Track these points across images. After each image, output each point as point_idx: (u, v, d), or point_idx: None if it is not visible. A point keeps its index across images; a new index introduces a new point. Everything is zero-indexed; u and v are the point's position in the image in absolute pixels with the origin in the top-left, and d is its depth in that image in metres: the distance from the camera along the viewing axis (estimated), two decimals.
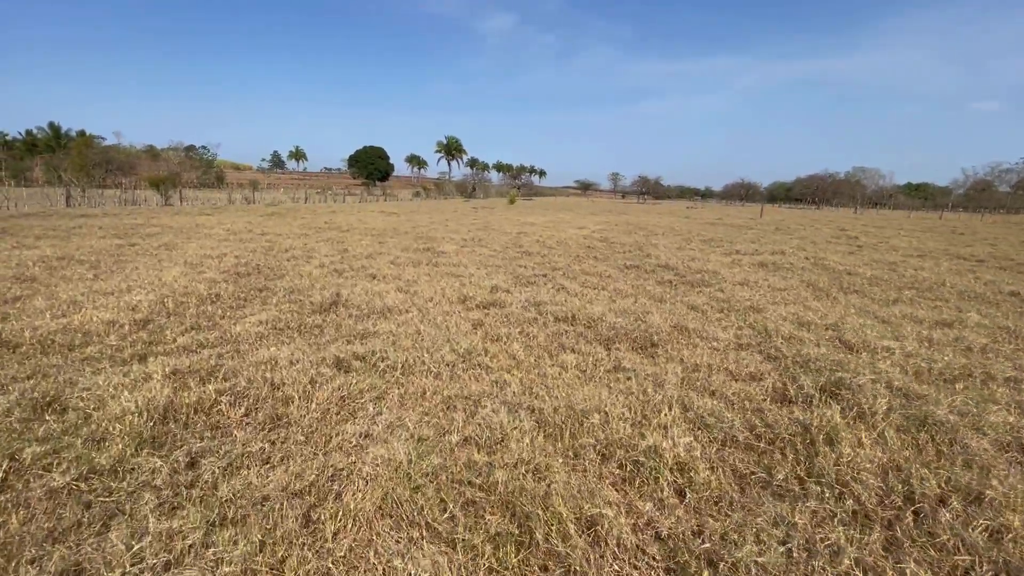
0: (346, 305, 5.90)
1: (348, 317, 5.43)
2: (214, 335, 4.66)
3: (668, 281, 8.28)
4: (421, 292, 6.88)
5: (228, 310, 5.72)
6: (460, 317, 5.53)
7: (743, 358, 4.28)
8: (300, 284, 7.13)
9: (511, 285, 7.53)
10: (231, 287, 6.86)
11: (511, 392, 3.48)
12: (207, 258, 9.50)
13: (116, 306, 5.46)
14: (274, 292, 6.68)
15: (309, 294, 6.53)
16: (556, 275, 8.67)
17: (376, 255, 10.61)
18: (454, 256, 10.87)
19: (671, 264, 10.13)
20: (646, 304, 6.33)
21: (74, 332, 4.56)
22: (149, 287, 6.57)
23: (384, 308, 5.75)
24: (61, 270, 7.76)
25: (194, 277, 7.40)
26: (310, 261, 9.53)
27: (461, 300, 6.44)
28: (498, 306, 6.10)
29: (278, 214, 23.24)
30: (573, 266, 9.76)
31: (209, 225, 16.27)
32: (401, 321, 5.29)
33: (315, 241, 12.91)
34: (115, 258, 9.16)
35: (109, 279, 7.18)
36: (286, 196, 42.90)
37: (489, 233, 16.68)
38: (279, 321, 5.14)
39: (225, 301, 6.12)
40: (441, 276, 8.27)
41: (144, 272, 7.78)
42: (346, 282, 7.44)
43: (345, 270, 8.65)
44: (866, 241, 17.50)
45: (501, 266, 9.61)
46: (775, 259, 11.41)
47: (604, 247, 13.51)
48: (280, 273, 8.16)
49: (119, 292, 6.27)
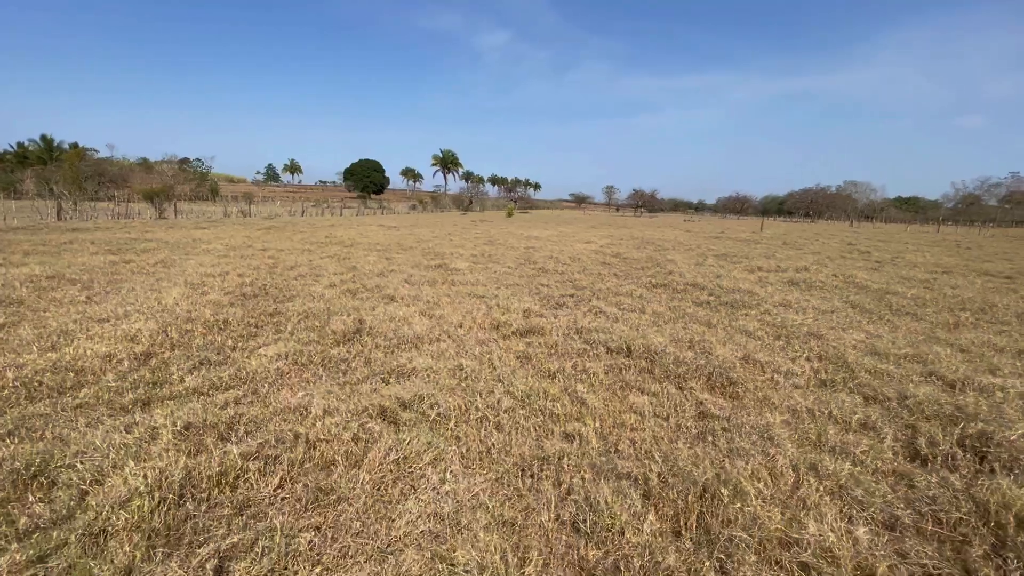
0: (371, 333, 5.31)
1: (375, 348, 4.84)
2: (227, 372, 4.06)
3: (705, 302, 7.76)
4: (447, 317, 6.31)
5: (239, 339, 5.12)
6: (500, 348, 4.95)
7: (842, 401, 3.74)
8: (314, 307, 6.54)
9: (542, 308, 6.98)
10: (239, 311, 6.25)
11: (592, 450, 2.91)
12: (209, 277, 8.89)
13: (113, 336, 4.84)
14: (287, 317, 6.08)
15: (326, 320, 5.94)
16: (583, 295, 8.14)
17: (387, 273, 10.04)
18: (468, 274, 10.32)
19: (699, 282, 9.63)
20: (697, 330, 5.79)
21: (65, 370, 3.94)
22: (148, 312, 5.96)
23: (413, 337, 5.17)
24: (51, 291, 7.12)
25: (197, 299, 6.79)
26: (319, 280, 8.93)
27: (494, 326, 5.87)
28: (537, 333, 5.54)
29: (276, 228, 22.61)
30: (597, 285, 9.24)
31: (206, 240, 15.63)
32: (436, 352, 4.72)
33: (320, 257, 12.32)
34: (109, 277, 8.52)
35: (104, 302, 6.55)
36: (283, 209, 42.28)
37: (497, 248, 16.15)
38: (299, 354, 4.54)
39: (234, 328, 5.51)
40: (462, 297, 7.71)
41: (142, 294, 7.16)
42: (363, 304, 6.85)
43: (359, 290, 8.07)
44: (880, 256, 17.13)
45: (522, 285, 9.06)
46: (802, 276, 10.95)
47: (620, 263, 13.02)
48: (289, 294, 7.56)
49: (115, 318, 5.65)
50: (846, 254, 17.56)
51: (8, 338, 4.76)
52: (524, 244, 17.81)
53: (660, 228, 35.21)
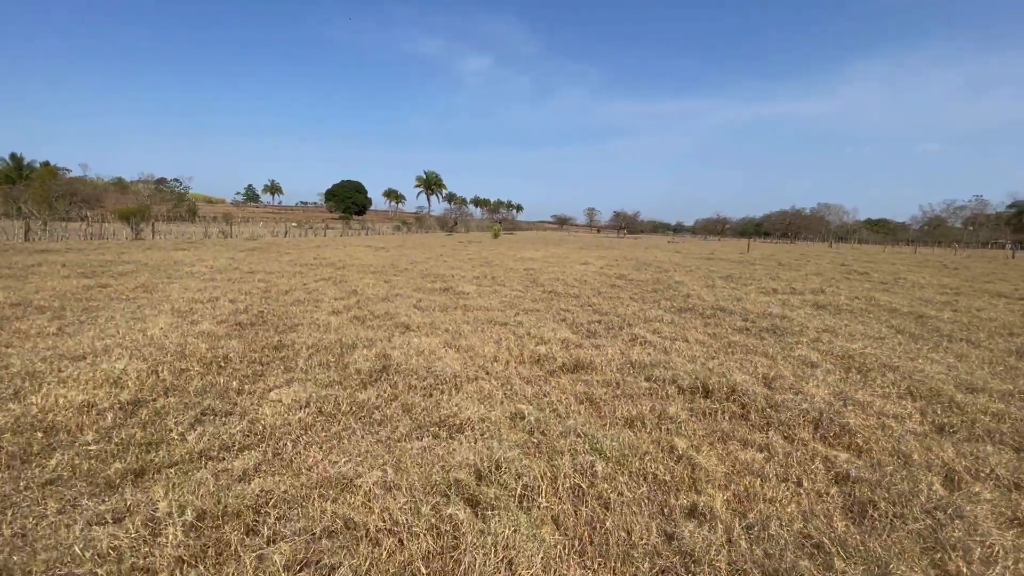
0: (399, 371, 4.58)
1: (410, 390, 4.12)
2: (238, 427, 3.29)
3: (744, 329, 7.23)
4: (477, 348, 5.61)
5: (244, 380, 4.33)
6: (555, 388, 4.28)
7: (987, 453, 3.15)
8: (324, 339, 5.77)
9: (577, 336, 6.34)
10: (238, 344, 5.45)
11: (737, 536, 2.25)
12: (197, 303, 8.03)
13: (91, 379, 4.02)
14: (295, 351, 5.31)
15: (342, 354, 5.18)
16: (611, 320, 7.53)
17: (392, 297, 9.30)
18: (478, 298, 9.64)
19: (723, 306, 9.13)
20: (763, 363, 5.20)
21: (31, 428, 3.13)
22: (132, 346, 5.12)
23: (450, 376, 4.46)
24: (15, 321, 6.21)
25: (187, 330, 5.96)
26: (320, 306, 8.15)
27: (535, 360, 5.19)
28: (588, 369, 4.88)
29: (260, 249, 21.63)
30: (620, 310, 8.65)
31: (188, 262, 14.64)
32: (481, 394, 4.02)
33: (314, 280, 11.52)
34: (84, 304, 7.61)
35: (78, 335, 5.68)
36: (265, 230, 41.12)
37: (495, 269, 15.51)
38: (322, 400, 3.79)
39: (236, 366, 4.72)
40: (483, 324, 7.02)
41: (123, 323, 6.29)
42: (377, 335, 6.11)
43: (367, 317, 7.32)
44: (881, 277, 16.97)
45: (540, 310, 8.42)
46: (824, 299, 10.56)
47: (630, 286, 12.50)
48: (291, 323, 6.77)
49: (93, 355, 4.80)
50: (846, 275, 17.37)
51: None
52: (522, 265, 17.22)
53: (649, 249, 35.04)
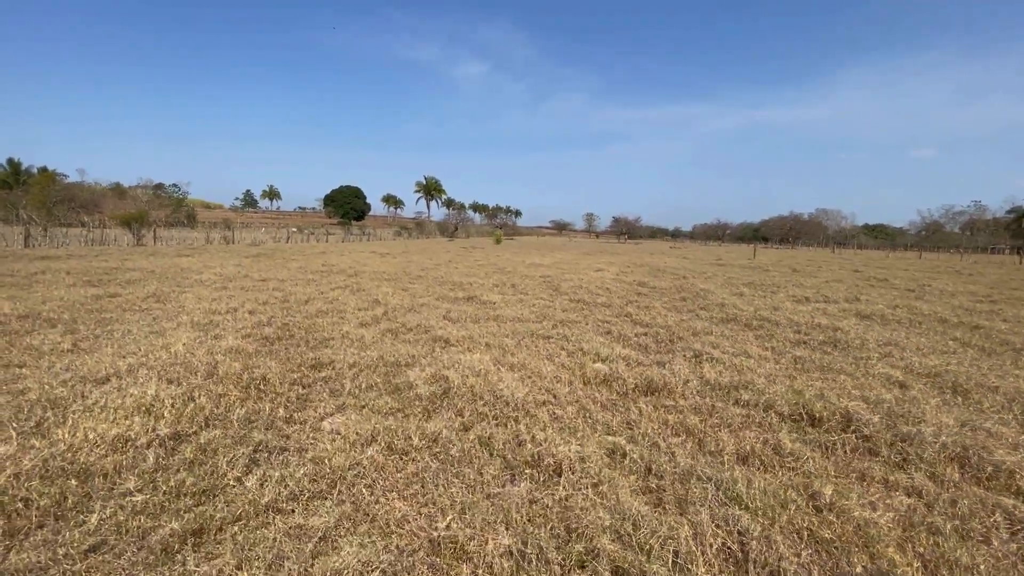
0: (459, 395, 4.13)
1: (479, 418, 3.67)
2: (301, 469, 2.83)
3: (801, 342, 6.81)
4: (531, 366, 5.17)
5: (291, 407, 3.88)
6: (641, 416, 3.83)
7: None
8: (364, 357, 5.31)
9: (633, 351, 5.90)
10: (272, 363, 4.99)
11: None
12: (215, 314, 7.56)
13: (120, 406, 3.56)
14: (336, 371, 4.85)
15: (388, 374, 4.73)
16: (659, 334, 7.10)
17: (417, 308, 8.85)
18: (506, 307, 9.20)
19: (766, 316, 8.71)
20: (848, 383, 4.78)
21: (63, 473, 2.67)
22: (158, 365, 4.65)
23: (518, 401, 4.01)
24: (25, 336, 5.73)
25: (213, 346, 5.49)
26: (345, 317, 7.70)
27: (601, 380, 4.75)
28: (663, 392, 4.44)
29: (265, 255, 21.14)
30: (660, 320, 8.21)
31: (195, 269, 14.14)
32: (562, 424, 3.57)
33: (330, 288, 11.05)
34: (96, 316, 7.13)
35: (96, 351, 5.21)
36: (267, 236, 40.61)
37: (510, 276, 15.04)
38: (388, 433, 3.33)
39: (278, 389, 4.26)
40: (527, 339, 6.58)
41: (142, 338, 5.82)
42: (418, 350, 5.66)
43: (398, 330, 6.87)
44: (904, 283, 16.60)
45: (578, 321, 7.99)
46: (863, 308, 10.16)
47: (655, 294, 12.07)
48: (320, 336, 6.32)
49: (117, 376, 4.34)
50: (870, 282, 16.99)
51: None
52: (536, 272, 16.77)
53: (655, 255, 34.65)
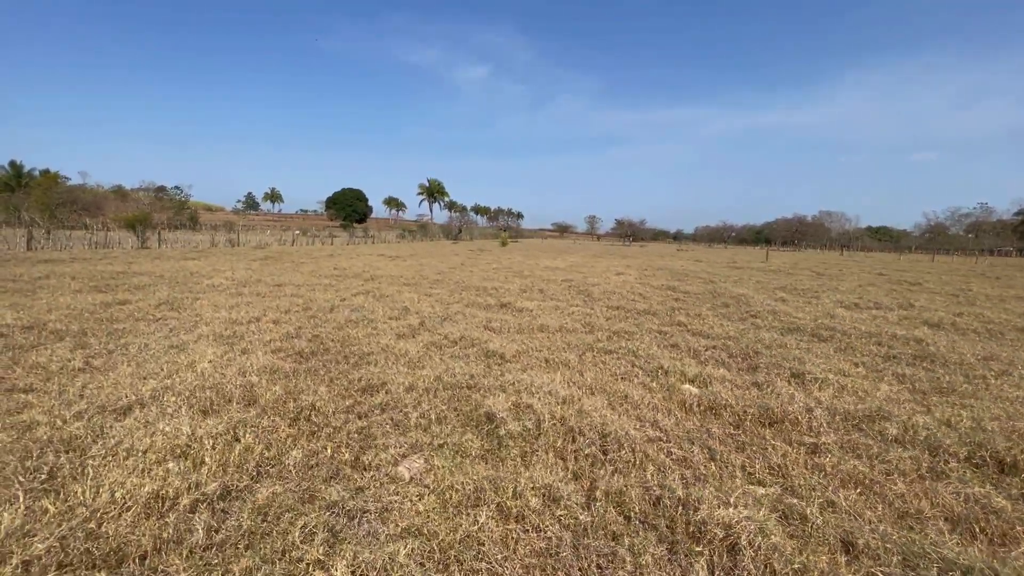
0: (557, 431, 3.48)
1: (592, 463, 3.03)
2: (401, 551, 2.19)
3: (891, 356, 6.17)
4: (613, 389, 4.54)
5: (353, 447, 3.24)
6: (786, 458, 3.20)
7: None
8: (418, 377, 4.68)
9: (719, 369, 5.26)
10: (318, 386, 4.36)
11: None
12: (236, 324, 6.94)
13: (150, 448, 2.93)
14: (393, 395, 4.21)
15: (454, 400, 4.10)
16: (727, 346, 6.48)
17: (452, 316, 8.22)
18: (545, 316, 8.58)
19: (830, 326, 8.07)
20: (989, 409, 4.14)
21: (85, 557, 2.04)
22: (186, 391, 4.02)
23: (629, 439, 3.37)
24: (30, 352, 5.10)
25: (243, 364, 4.87)
26: (377, 327, 7.07)
27: (706, 408, 4.11)
28: (788, 423, 3.80)
29: (273, 258, 20.50)
30: (717, 330, 7.58)
31: (204, 273, 13.51)
32: (701, 474, 2.94)
33: (351, 295, 10.43)
34: (106, 327, 6.51)
35: (112, 371, 4.58)
36: (272, 238, 40.03)
37: (533, 280, 14.39)
38: (496, 488, 2.69)
39: (332, 421, 3.62)
40: (589, 353, 5.96)
41: (161, 354, 5.19)
42: (474, 369, 5.02)
43: (442, 343, 6.25)
44: (940, 288, 15.92)
45: (631, 332, 7.35)
46: (925, 316, 9.51)
47: (691, 299, 11.43)
48: (360, 351, 5.69)
49: (140, 404, 3.71)
50: (903, 286, 16.31)
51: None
52: (557, 276, 16.12)
53: (667, 258, 34.00)
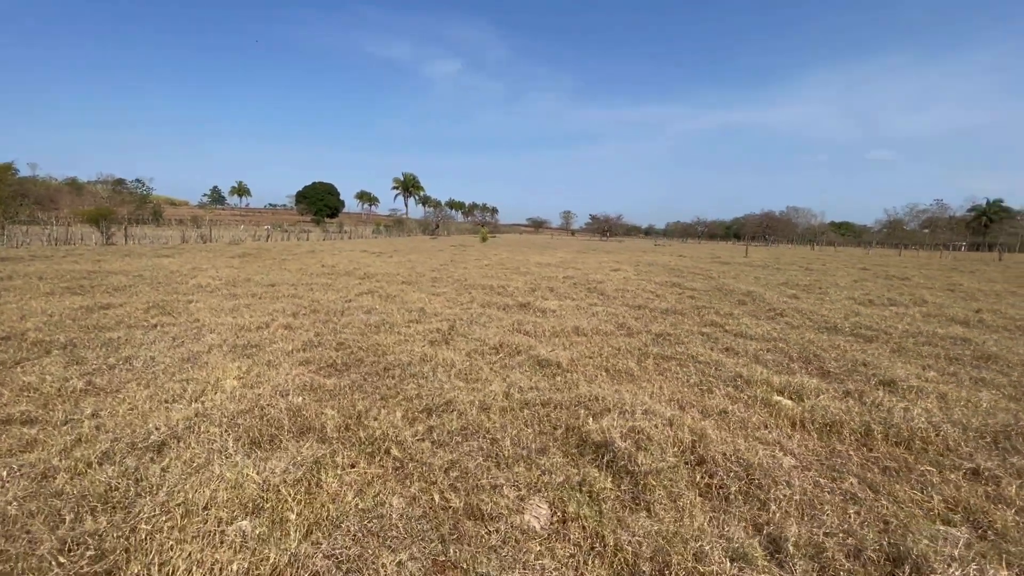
0: (685, 463, 3.02)
1: (751, 502, 2.58)
2: None
3: (953, 358, 5.96)
4: (706, 404, 4.11)
5: (459, 489, 2.70)
6: (956, 489, 2.82)
7: None
8: (483, 393, 4.15)
9: (790, 377, 4.90)
10: (371, 407, 3.78)
11: None
12: (245, 331, 6.25)
13: (211, 501, 2.34)
14: (467, 417, 3.67)
15: (538, 419, 3.59)
16: (782, 348, 6.16)
17: (476, 318, 7.67)
18: (570, 317, 8.14)
19: (865, 324, 7.89)
20: None
21: None
22: (224, 417, 3.39)
23: (766, 466, 2.94)
24: (15, 370, 4.34)
25: (278, 381, 4.24)
26: (404, 333, 6.49)
27: (822, 424, 3.72)
28: (921, 443, 3.43)
29: (252, 255, 19.40)
30: (756, 331, 7.28)
31: (184, 272, 12.53)
32: (881, 514, 2.53)
33: (354, 295, 9.76)
34: (97, 336, 5.73)
35: (120, 391, 3.89)
36: (246, 234, 38.36)
37: (531, 277, 13.80)
38: (679, 546, 2.21)
39: (418, 455, 3.06)
40: (649, 360, 5.53)
41: (174, 369, 4.50)
42: (540, 382, 4.52)
43: (483, 350, 5.73)
44: (927, 283, 16.14)
45: (672, 334, 6.97)
46: (947, 312, 9.47)
47: (705, 297, 11.13)
48: (395, 360, 5.11)
49: (176, 439, 3.07)
50: (897, 280, 16.49)
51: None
52: (554, 273, 15.58)
53: (649, 253, 33.83)
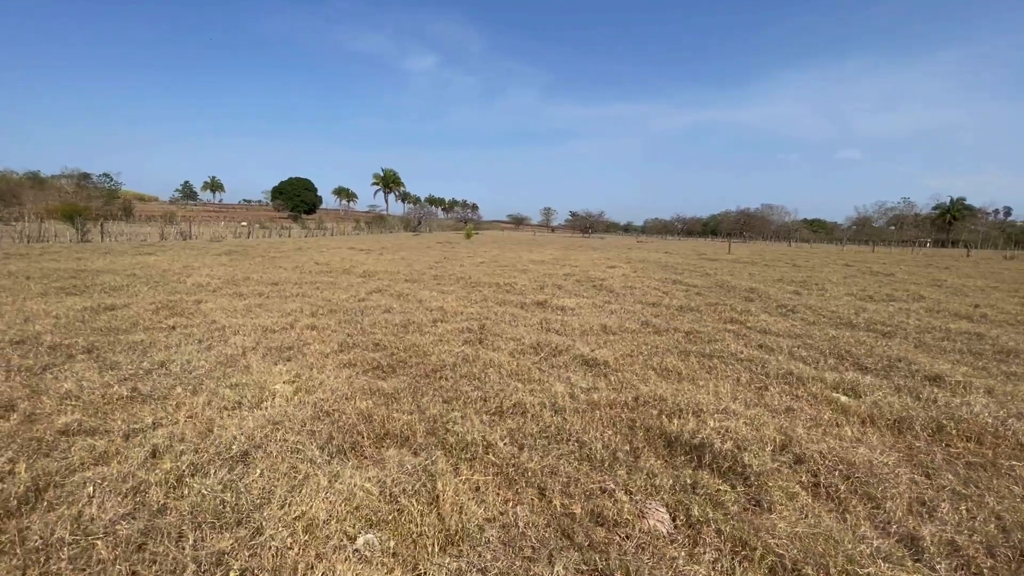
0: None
1: (866, 502, 2.56)
2: None
3: (975, 352, 6.12)
4: (757, 401, 4.11)
5: (572, 494, 2.61)
6: None
7: None
8: (547, 395, 4.06)
9: (837, 374, 4.95)
10: (445, 410, 3.65)
11: None
12: (270, 332, 6.04)
13: (332, 514, 2.19)
14: (544, 420, 3.58)
15: (614, 420, 3.52)
16: (821, 347, 6.24)
17: (503, 318, 7.56)
18: (589, 314, 8.12)
19: (877, 319, 8.06)
20: None
21: None
22: (296, 424, 3.22)
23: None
24: (46, 377, 4.05)
25: (334, 384, 4.07)
26: (431, 333, 6.35)
27: (860, 419, 3.73)
28: (991, 436, 3.48)
29: (238, 253, 18.83)
30: (781, 328, 7.36)
31: (176, 270, 12.08)
32: None
33: (365, 293, 9.59)
34: (116, 339, 5.44)
35: (170, 399, 3.67)
36: (227, 231, 37.27)
37: (533, 275, 13.72)
38: (830, 542, 2.16)
39: (520, 462, 2.95)
40: (689, 357, 5.52)
41: (217, 375, 4.29)
42: (596, 382, 4.45)
43: (524, 350, 5.64)
44: (912, 279, 16.60)
45: (705, 331, 6.97)
46: (949, 307, 9.72)
47: (713, 293, 11.23)
48: (437, 361, 4.98)
49: (256, 449, 2.89)
50: (882, 276, 16.93)
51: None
52: (553, 270, 15.52)
53: (633, 250, 34.04)
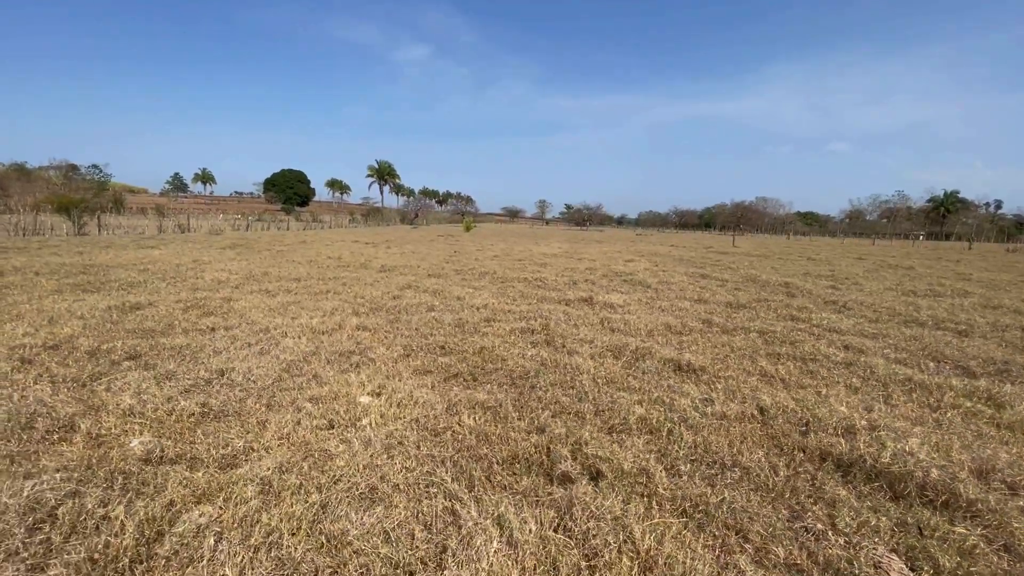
0: (940, 481, 2.63)
1: None
2: None
3: None
4: (911, 415, 3.75)
5: (759, 533, 2.23)
6: None
7: None
8: (643, 409, 3.68)
9: (954, 380, 4.61)
10: (563, 426, 3.25)
11: None
12: (320, 335, 5.63)
13: (491, 571, 1.80)
14: (673, 437, 3.20)
15: (750, 435, 3.15)
16: (901, 344, 5.91)
17: (560, 317, 7.17)
18: (639, 312, 7.76)
19: (940, 317, 7.78)
20: None
21: None
22: (410, 446, 2.81)
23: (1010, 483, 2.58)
24: (98, 388, 3.60)
25: (419, 396, 3.65)
26: (490, 334, 5.95)
27: None
28: None
29: (243, 247, 18.17)
30: (845, 326, 7.04)
31: (187, 265, 11.54)
32: None
33: (396, 288, 9.20)
34: (156, 343, 5.01)
35: (247, 417, 3.23)
36: (226, 223, 36.47)
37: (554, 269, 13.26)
38: None
39: (681, 491, 2.57)
40: (782, 361, 5.16)
41: (287, 384, 3.85)
42: (710, 392, 4.08)
43: (603, 353, 5.25)
44: (934, 272, 16.47)
45: (773, 331, 6.62)
46: (998, 301, 9.50)
47: (752, 288, 10.89)
48: (515, 367, 4.58)
49: (384, 481, 2.48)
50: (903, 270, 16.76)
51: None
52: (573, 264, 15.10)
53: (636, 243, 33.72)
